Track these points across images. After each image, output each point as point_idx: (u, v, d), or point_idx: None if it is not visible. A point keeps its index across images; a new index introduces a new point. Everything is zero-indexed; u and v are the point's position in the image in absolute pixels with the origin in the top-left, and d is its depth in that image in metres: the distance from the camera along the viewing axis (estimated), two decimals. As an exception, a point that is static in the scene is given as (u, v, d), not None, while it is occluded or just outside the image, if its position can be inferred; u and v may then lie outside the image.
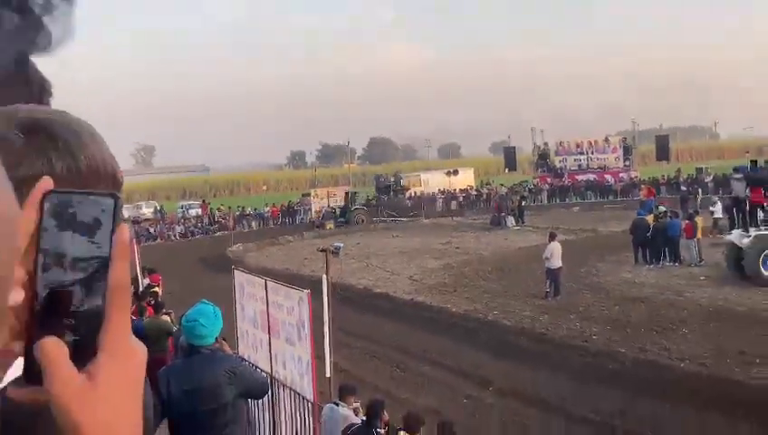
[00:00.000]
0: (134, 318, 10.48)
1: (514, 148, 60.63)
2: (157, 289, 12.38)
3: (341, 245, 9.53)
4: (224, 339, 10.13)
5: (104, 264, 0.64)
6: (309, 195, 50.64)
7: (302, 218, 48.72)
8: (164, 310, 10.27)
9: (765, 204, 18.72)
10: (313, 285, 9.34)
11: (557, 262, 18.91)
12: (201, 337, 4.61)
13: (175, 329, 8.69)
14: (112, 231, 0.66)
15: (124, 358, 0.64)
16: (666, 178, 48.14)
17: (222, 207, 53.05)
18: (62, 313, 0.63)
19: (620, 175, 49.94)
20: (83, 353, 0.63)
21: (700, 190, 39.33)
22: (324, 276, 8.23)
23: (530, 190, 51.28)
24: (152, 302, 10.73)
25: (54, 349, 0.61)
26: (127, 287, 0.65)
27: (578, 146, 53.21)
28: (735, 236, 19.24)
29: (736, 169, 23.33)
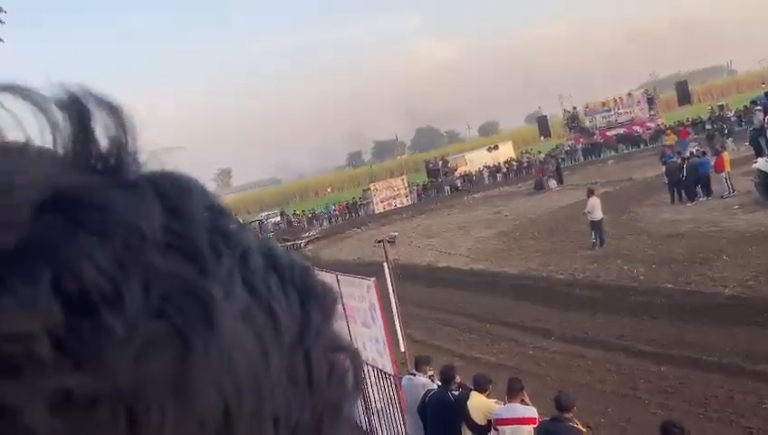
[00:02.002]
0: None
1: (546, 116, 59.52)
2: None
3: (396, 234, 9.60)
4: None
5: None
6: (369, 190, 50.81)
7: (365, 212, 48.95)
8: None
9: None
10: (383, 270, 9.44)
11: (598, 214, 18.54)
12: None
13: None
14: None
15: None
16: (690, 120, 46.44)
17: (296, 212, 53.87)
18: None
19: (647, 124, 48.39)
20: None
21: (725, 126, 37.82)
22: (385, 264, 8.30)
23: (566, 152, 50.29)
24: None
25: None
26: None
27: (604, 105, 51.80)
28: (762, 163, 18.45)
29: (754, 102, 22.33)
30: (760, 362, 9.48)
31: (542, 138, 59.33)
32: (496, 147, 57.41)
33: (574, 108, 53.14)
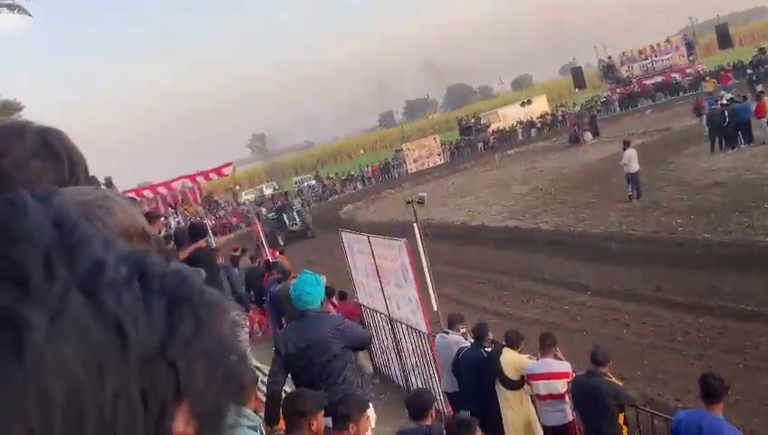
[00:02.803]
0: (276, 283, 10.97)
1: (581, 67, 58.05)
2: (282, 261, 12.91)
3: (425, 194, 9.58)
4: (341, 293, 10.47)
5: None
6: (401, 150, 50.56)
7: (398, 172, 48.80)
8: (292, 275, 10.65)
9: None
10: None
11: (635, 166, 18.16)
12: (308, 303, 4.82)
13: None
14: None
15: None
16: (731, 64, 44.74)
17: (330, 176, 54.01)
18: None
19: (687, 70, 46.81)
20: None
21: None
22: (414, 224, 8.31)
23: (602, 103, 49.12)
24: (281, 272, 11.19)
25: None
26: None
27: (641, 52, 50.20)
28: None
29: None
30: (801, 310, 9.31)
31: (576, 90, 57.89)
32: (530, 101, 56.34)
33: (609, 57, 51.68)
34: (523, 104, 55.91)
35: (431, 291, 8.12)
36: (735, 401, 7.68)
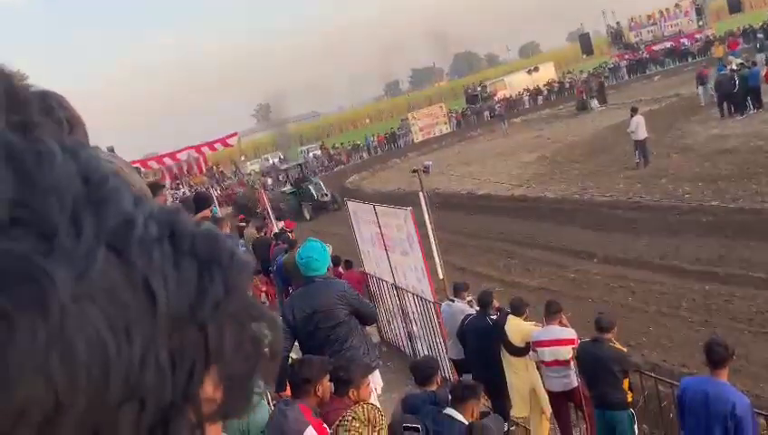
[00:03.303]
0: (283, 253, 11.02)
1: (588, 33, 57.22)
2: (290, 233, 12.92)
3: (430, 163, 9.51)
4: (347, 262, 10.49)
5: None
6: (407, 119, 50.23)
7: (404, 141, 48.55)
8: (297, 245, 10.69)
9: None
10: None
11: (642, 133, 18.00)
12: (315, 269, 4.84)
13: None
14: None
15: None
16: (740, 29, 43.99)
17: (336, 145, 53.83)
18: None
19: (696, 36, 46.09)
20: None
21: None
22: (420, 193, 8.30)
23: (610, 70, 48.53)
24: (286, 242, 11.22)
25: None
26: None
27: (650, 18, 49.47)
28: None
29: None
30: (809, 277, 9.29)
31: (584, 56, 57.15)
32: (537, 69, 55.73)
33: (618, 23, 50.99)
34: (529, 72, 55.33)
35: (437, 259, 8.15)
36: (740, 367, 7.72)
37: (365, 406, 2.78)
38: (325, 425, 3.25)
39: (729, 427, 4.44)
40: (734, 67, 21.87)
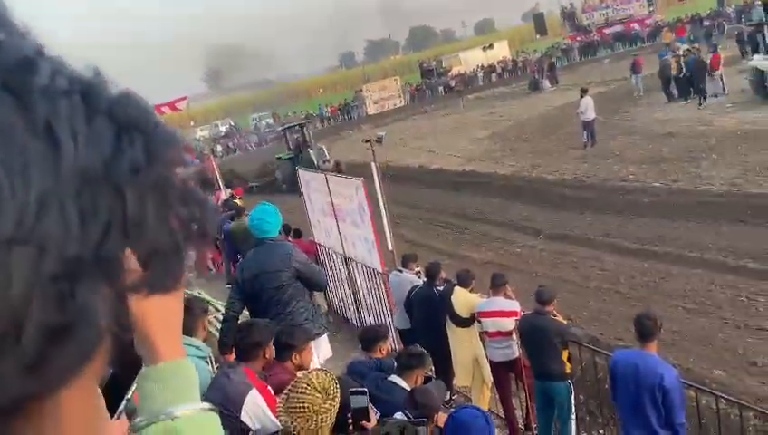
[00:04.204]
0: (229, 221, 10.90)
1: (543, 13, 57.74)
2: (237, 200, 12.76)
3: (383, 134, 9.49)
4: (296, 231, 10.43)
5: None
6: (361, 91, 49.93)
7: (358, 114, 48.29)
8: (245, 213, 10.57)
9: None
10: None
11: (591, 114, 18.36)
12: (266, 232, 4.83)
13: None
14: None
15: None
16: (688, 16, 45.11)
17: (288, 114, 53.15)
18: None
19: (646, 21, 47.08)
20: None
21: (724, 23, 36.78)
22: (372, 163, 8.27)
23: (562, 51, 49.15)
24: (234, 208, 11.08)
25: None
26: None
27: (602, 1, 50.17)
28: (758, 60, 18.09)
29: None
30: (742, 257, 9.69)
31: (538, 36, 57.81)
32: (491, 46, 56.01)
33: (571, 4, 51.57)
34: (484, 49, 55.56)
35: (387, 231, 8.16)
36: (674, 341, 8.04)
37: (320, 374, 2.77)
38: (270, 388, 3.25)
39: (657, 398, 4.61)
40: (681, 53, 22.40)
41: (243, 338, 3.59)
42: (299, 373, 2.96)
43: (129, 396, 0.91)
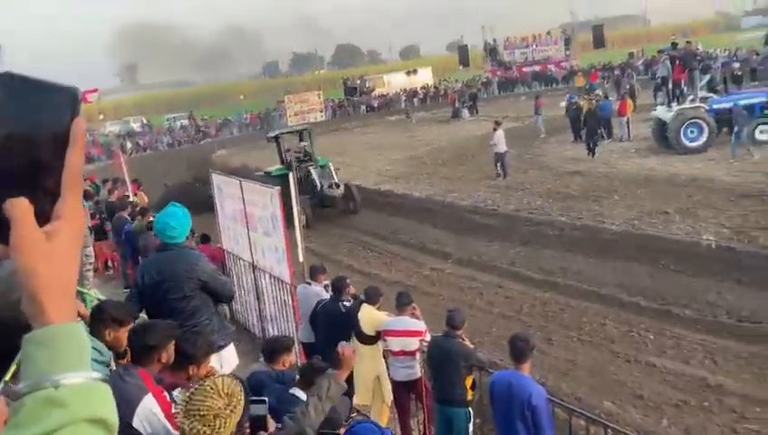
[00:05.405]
0: (128, 219, 10.44)
1: (467, 45, 59.30)
2: (135, 198, 12.26)
3: (305, 144, 9.39)
4: (204, 236, 10.13)
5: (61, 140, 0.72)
6: (283, 101, 49.49)
7: (278, 124, 47.76)
8: (149, 213, 10.17)
9: (685, 81, 18.65)
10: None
11: (502, 147, 18.97)
12: (172, 237, 4.59)
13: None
14: (71, 119, 0.73)
15: (75, 224, 0.74)
16: (601, 64, 47.75)
17: (205, 117, 51.94)
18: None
19: (562, 64, 49.39)
20: (42, 217, 0.72)
21: (633, 72, 39.12)
22: (290, 174, 8.17)
23: (482, 84, 50.67)
24: (137, 208, 10.64)
25: (24, 209, 0.70)
26: (80, 171, 0.75)
27: (523, 40, 52.26)
28: (660, 111, 19.30)
29: (661, 51, 23.10)
30: (634, 294, 10.21)
31: (461, 67, 59.24)
32: (415, 71, 57.14)
33: (494, 40, 53.26)
34: (408, 73, 56.61)
35: (299, 242, 8.05)
36: (568, 371, 8.33)
37: (227, 379, 2.66)
38: (165, 393, 3.08)
39: (527, 415, 4.82)
40: (589, 96, 23.64)
41: (137, 341, 3.40)
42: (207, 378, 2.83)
43: (6, 378, 0.81)
